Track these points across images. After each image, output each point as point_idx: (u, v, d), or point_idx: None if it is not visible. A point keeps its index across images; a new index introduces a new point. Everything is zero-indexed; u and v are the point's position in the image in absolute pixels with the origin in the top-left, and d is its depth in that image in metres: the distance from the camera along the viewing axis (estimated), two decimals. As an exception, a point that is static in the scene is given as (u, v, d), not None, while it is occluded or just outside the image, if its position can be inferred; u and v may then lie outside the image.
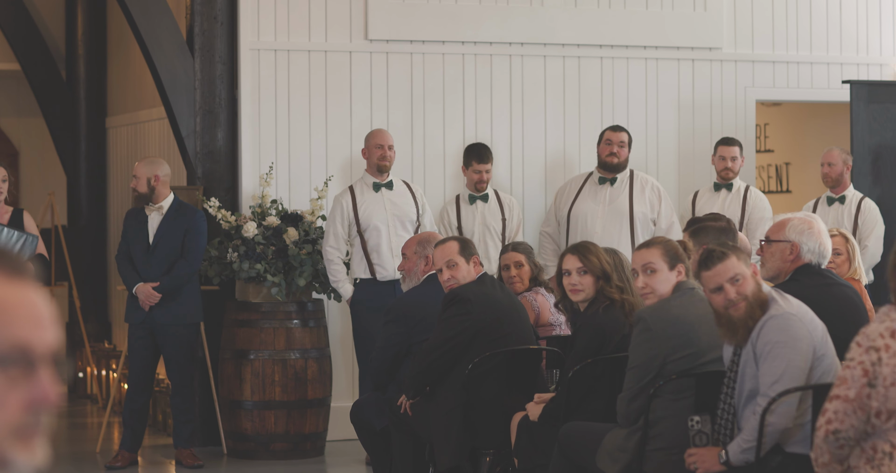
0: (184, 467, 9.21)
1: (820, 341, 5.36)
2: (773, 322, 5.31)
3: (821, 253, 6.16)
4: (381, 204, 9.42)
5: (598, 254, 6.51)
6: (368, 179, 9.49)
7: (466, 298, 6.88)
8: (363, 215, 9.36)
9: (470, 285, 7.00)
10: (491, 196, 9.84)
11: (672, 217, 9.88)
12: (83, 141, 13.02)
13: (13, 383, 1.88)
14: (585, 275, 6.46)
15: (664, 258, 5.94)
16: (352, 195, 9.41)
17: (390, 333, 7.36)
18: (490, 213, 9.79)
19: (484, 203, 9.80)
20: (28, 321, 1.90)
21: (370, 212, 9.36)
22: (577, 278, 6.47)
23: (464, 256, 7.06)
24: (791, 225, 6.17)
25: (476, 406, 6.83)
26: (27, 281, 1.92)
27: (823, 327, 5.42)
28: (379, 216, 9.37)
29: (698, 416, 5.60)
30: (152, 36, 9.97)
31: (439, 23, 10.35)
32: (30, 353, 1.90)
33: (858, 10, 11.31)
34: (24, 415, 1.89)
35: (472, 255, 7.11)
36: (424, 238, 7.65)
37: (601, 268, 6.45)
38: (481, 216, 9.77)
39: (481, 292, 6.95)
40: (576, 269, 6.47)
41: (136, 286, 9.11)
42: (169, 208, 9.24)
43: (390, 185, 9.48)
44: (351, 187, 9.49)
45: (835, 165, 10.16)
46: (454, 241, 7.17)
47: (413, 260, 7.58)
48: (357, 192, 9.44)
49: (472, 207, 9.79)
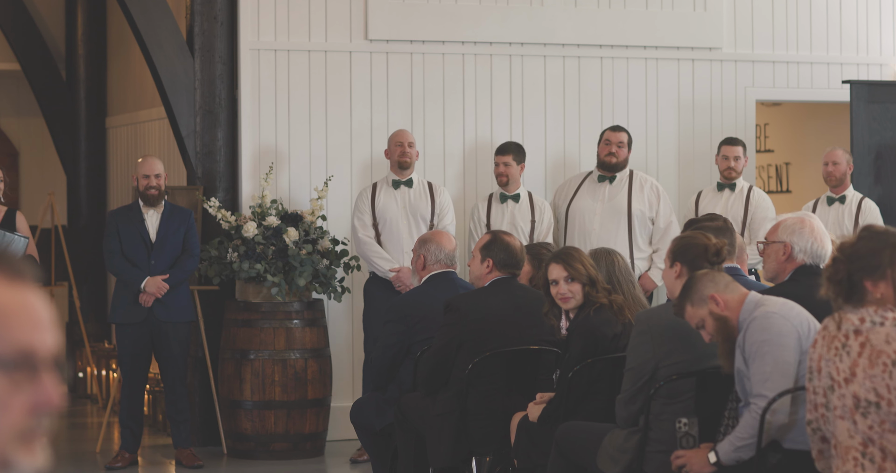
0: (184, 467, 9.21)
1: (806, 334, 5.37)
2: (755, 324, 5.35)
3: (815, 253, 6.12)
4: (396, 200, 9.60)
5: (582, 260, 6.46)
6: (390, 176, 9.69)
7: (457, 307, 6.89)
8: (379, 208, 9.56)
9: (469, 294, 7.02)
10: (523, 197, 9.85)
11: (670, 216, 9.90)
12: (83, 141, 13.02)
13: (17, 386, 1.89)
14: (573, 282, 6.42)
15: (668, 255, 5.95)
16: (373, 190, 9.65)
17: (390, 332, 7.37)
18: (520, 213, 9.81)
19: (515, 203, 9.82)
20: (30, 324, 1.91)
21: (385, 206, 9.57)
22: (564, 286, 6.42)
23: (480, 253, 7.04)
24: (784, 225, 6.18)
25: (475, 408, 6.83)
26: (27, 284, 1.93)
27: (811, 320, 5.42)
28: (392, 211, 9.57)
29: (686, 418, 5.62)
30: (152, 36, 9.97)
31: (439, 23, 10.36)
32: (32, 356, 1.90)
33: (858, 10, 11.31)
34: (28, 418, 1.89)
35: (488, 257, 7.02)
36: (424, 238, 7.65)
37: (587, 274, 6.41)
38: (510, 216, 9.79)
39: (476, 302, 6.92)
40: (562, 278, 6.43)
41: (146, 281, 9.11)
42: (165, 206, 9.29)
43: (410, 183, 9.67)
44: (375, 183, 9.72)
45: (839, 164, 10.16)
46: (487, 235, 7.16)
47: (413, 258, 7.63)
48: (378, 187, 9.67)
49: (503, 206, 9.83)
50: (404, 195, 9.63)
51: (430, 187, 9.72)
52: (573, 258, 6.46)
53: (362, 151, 10.20)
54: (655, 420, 5.75)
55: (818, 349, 4.42)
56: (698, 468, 5.43)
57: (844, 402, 4.29)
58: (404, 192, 9.63)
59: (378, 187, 9.66)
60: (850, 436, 4.28)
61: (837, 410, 4.31)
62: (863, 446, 4.24)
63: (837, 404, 4.31)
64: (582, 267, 6.41)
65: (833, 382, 4.33)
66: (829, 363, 4.35)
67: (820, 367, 4.39)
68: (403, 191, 9.63)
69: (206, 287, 9.76)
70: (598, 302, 6.38)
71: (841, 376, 4.30)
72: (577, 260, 6.45)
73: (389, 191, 9.63)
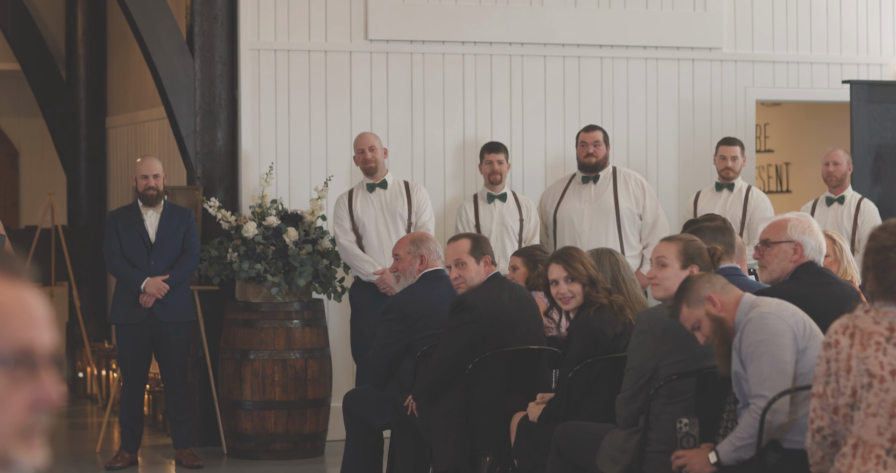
0: (184, 467, 9.21)
1: (802, 333, 5.37)
2: (751, 325, 5.35)
3: (820, 251, 6.20)
4: (372, 202, 9.59)
5: (582, 260, 6.45)
6: (364, 180, 9.67)
7: (473, 304, 6.84)
8: (357, 213, 9.54)
9: (476, 291, 6.97)
10: (509, 196, 9.86)
11: (657, 210, 9.90)
12: (83, 141, 13.03)
13: (16, 384, 1.90)
14: (573, 282, 6.41)
15: (679, 256, 5.93)
16: (349, 195, 9.60)
17: (389, 331, 7.35)
18: (508, 212, 9.81)
19: (502, 203, 9.83)
20: (28, 322, 1.93)
21: (362, 210, 9.55)
22: (565, 286, 6.41)
23: (474, 255, 7.01)
24: (791, 225, 6.18)
25: (476, 407, 6.82)
26: (24, 283, 1.94)
27: (807, 319, 5.42)
28: (369, 214, 9.55)
29: (686, 419, 5.62)
30: (152, 36, 9.97)
31: (439, 23, 10.36)
32: (31, 354, 1.92)
33: (858, 10, 11.31)
34: (28, 415, 1.91)
35: (484, 254, 7.03)
36: (418, 238, 7.64)
37: (587, 274, 6.40)
38: (499, 216, 9.79)
39: (487, 296, 6.91)
40: (562, 278, 6.42)
41: (146, 281, 9.12)
42: (164, 206, 9.29)
43: (384, 184, 9.62)
44: (351, 190, 9.67)
45: (840, 164, 10.17)
46: (466, 239, 7.12)
47: (407, 260, 7.54)
48: (354, 193, 9.64)
49: (490, 206, 9.82)
50: (380, 197, 9.60)
51: (405, 186, 9.69)
52: (573, 258, 6.45)
53: (362, 151, 10.20)
54: (655, 420, 5.75)
55: (845, 349, 4.32)
56: (699, 468, 5.43)
57: (885, 397, 4.23)
58: (380, 194, 9.61)
59: (354, 192, 9.63)
60: (878, 433, 4.24)
61: (871, 407, 4.25)
62: (891, 442, 4.20)
63: (873, 401, 4.24)
64: (582, 267, 6.40)
65: (872, 378, 4.25)
66: (865, 361, 4.26)
67: (850, 367, 4.29)
68: (379, 193, 9.61)
69: (206, 287, 9.76)
70: (598, 302, 6.38)
71: (886, 369, 4.24)
72: (578, 260, 6.44)
73: (365, 195, 9.60)
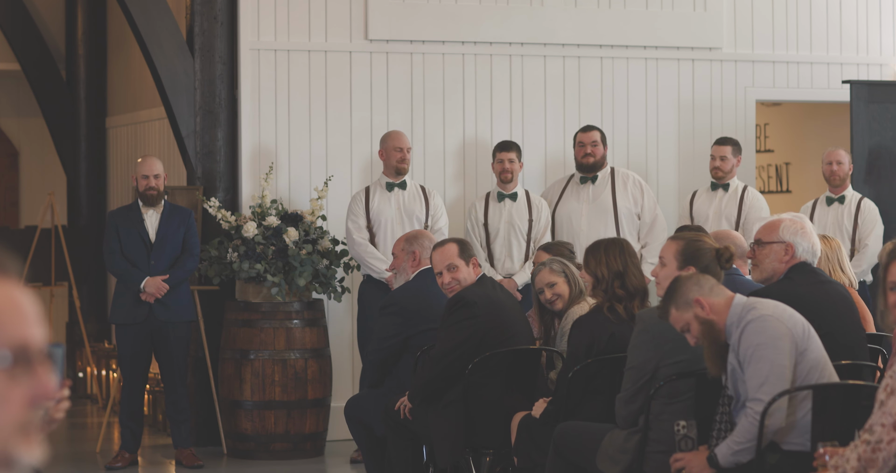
0: (184, 467, 9.22)
1: (800, 336, 5.37)
2: (751, 327, 5.33)
3: (814, 252, 6.20)
4: (391, 202, 9.60)
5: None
6: (383, 179, 9.68)
7: (472, 301, 6.86)
8: (374, 211, 9.55)
9: (472, 288, 6.98)
10: (520, 196, 9.86)
11: (655, 210, 9.93)
12: (83, 141, 13.03)
13: (14, 380, 1.91)
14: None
15: (677, 256, 5.93)
16: (366, 194, 9.61)
17: (388, 324, 7.38)
18: (518, 212, 9.81)
19: (512, 202, 9.83)
20: (20, 319, 1.96)
21: (380, 209, 9.56)
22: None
23: (463, 258, 7.05)
24: (784, 226, 6.18)
25: (476, 406, 6.83)
26: (12, 280, 1.96)
27: (804, 322, 5.42)
28: (387, 213, 9.56)
29: (684, 421, 5.62)
30: (152, 36, 9.98)
31: (439, 23, 10.36)
32: (26, 350, 1.93)
33: (858, 10, 11.31)
34: (27, 411, 1.92)
35: (471, 256, 7.10)
36: (412, 235, 7.71)
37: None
38: (508, 215, 9.80)
39: (484, 294, 6.94)
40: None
41: (146, 281, 9.12)
42: (164, 206, 9.30)
43: (403, 185, 9.66)
44: (368, 187, 9.68)
45: (843, 164, 10.17)
46: (453, 243, 7.15)
47: (401, 258, 7.62)
48: (371, 191, 9.64)
49: (500, 204, 9.83)
50: (398, 197, 9.62)
51: (423, 190, 9.73)
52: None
53: (362, 151, 10.21)
54: (655, 421, 5.75)
55: None
56: (697, 470, 5.43)
57: None
58: (398, 194, 9.63)
59: (372, 189, 9.64)
60: None
61: None
62: None
63: None
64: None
65: None
66: None
67: None
68: (397, 193, 9.63)
69: (206, 287, 9.77)
70: (598, 302, 6.40)
71: None
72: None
73: (384, 193, 9.62)
